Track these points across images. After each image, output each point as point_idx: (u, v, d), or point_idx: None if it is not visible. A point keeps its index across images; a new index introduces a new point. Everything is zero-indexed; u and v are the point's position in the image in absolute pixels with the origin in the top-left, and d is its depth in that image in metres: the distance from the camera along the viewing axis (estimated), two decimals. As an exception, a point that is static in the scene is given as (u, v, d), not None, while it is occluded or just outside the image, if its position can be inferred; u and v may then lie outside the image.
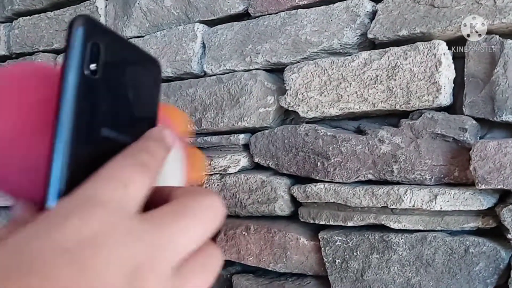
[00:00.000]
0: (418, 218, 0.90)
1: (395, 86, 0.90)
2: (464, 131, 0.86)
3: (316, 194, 0.99)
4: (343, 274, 0.97)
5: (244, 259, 1.08)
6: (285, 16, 1.06)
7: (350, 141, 0.96)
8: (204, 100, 1.15)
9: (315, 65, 0.99)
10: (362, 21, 0.96)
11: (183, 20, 1.23)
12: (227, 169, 1.10)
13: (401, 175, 0.91)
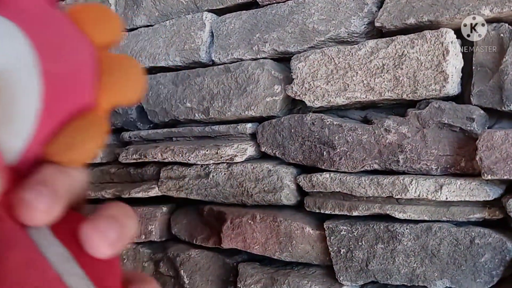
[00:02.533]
0: (424, 208, 0.89)
1: (402, 75, 0.89)
2: (471, 121, 0.85)
3: (321, 183, 0.99)
4: (348, 263, 0.97)
5: (250, 247, 1.09)
6: (292, 4, 1.05)
7: (356, 130, 0.95)
8: (211, 89, 1.16)
9: (322, 54, 0.98)
10: (370, 9, 0.95)
11: (192, 9, 1.23)
12: (234, 158, 1.10)
13: (407, 165, 0.91)
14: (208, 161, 1.13)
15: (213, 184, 1.14)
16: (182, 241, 1.24)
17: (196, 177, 1.17)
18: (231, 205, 1.15)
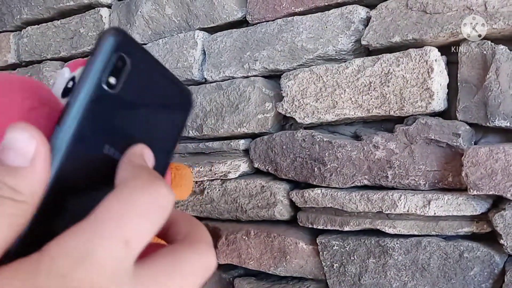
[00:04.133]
0: (413, 223, 0.90)
1: (389, 92, 0.91)
2: (457, 136, 0.87)
3: (313, 199, 1.00)
4: (341, 278, 0.98)
5: (245, 263, 1.10)
6: (281, 23, 1.07)
7: (345, 146, 0.97)
8: (204, 106, 1.17)
9: (310, 72, 1.00)
10: (357, 27, 0.97)
11: (184, 28, 1.25)
12: (228, 175, 1.11)
13: (396, 181, 0.92)
14: (202, 177, 1.14)
15: (208, 201, 1.16)
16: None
17: (191, 194, 1.19)
18: (226, 221, 1.16)
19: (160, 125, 0.28)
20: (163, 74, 0.28)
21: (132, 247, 0.21)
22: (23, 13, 1.54)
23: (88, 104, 0.23)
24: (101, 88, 0.24)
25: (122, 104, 0.25)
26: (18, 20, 1.57)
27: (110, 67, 0.24)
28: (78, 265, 0.20)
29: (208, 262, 0.24)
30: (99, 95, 0.24)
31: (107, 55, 0.24)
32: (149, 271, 0.22)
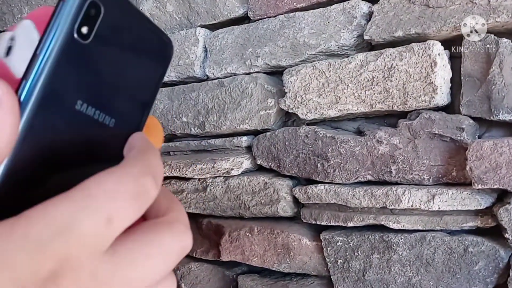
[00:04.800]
0: (417, 218, 0.90)
1: (392, 87, 0.91)
2: (461, 130, 0.86)
3: (317, 195, 1.00)
4: (345, 274, 0.98)
5: (248, 259, 1.10)
6: (283, 19, 1.06)
7: (348, 142, 0.96)
8: (206, 103, 1.17)
9: (313, 68, 1.00)
10: (359, 22, 0.97)
11: (185, 25, 1.24)
12: (230, 171, 1.11)
13: (400, 176, 0.92)
14: (205, 175, 1.14)
15: (211, 198, 1.16)
16: (182, 254, 1.25)
17: (194, 191, 1.19)
18: (229, 218, 1.16)
19: (138, 76, 0.26)
20: (141, 21, 0.26)
21: (114, 225, 0.21)
22: (24, 12, 1.54)
23: (57, 56, 0.21)
24: (72, 38, 0.22)
25: (96, 55, 0.23)
26: (19, 19, 1.57)
27: (81, 15, 0.22)
28: (57, 235, 0.19)
29: (184, 243, 0.24)
30: (69, 46, 0.22)
31: (78, 1, 0.22)
32: (126, 248, 0.22)
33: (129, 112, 0.26)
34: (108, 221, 0.21)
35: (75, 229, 0.20)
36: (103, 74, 0.24)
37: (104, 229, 0.21)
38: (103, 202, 0.21)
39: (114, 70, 0.25)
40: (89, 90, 0.23)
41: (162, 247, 0.23)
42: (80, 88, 0.23)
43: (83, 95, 0.23)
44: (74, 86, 0.23)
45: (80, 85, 0.23)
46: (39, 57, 0.21)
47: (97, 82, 0.24)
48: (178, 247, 0.24)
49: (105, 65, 0.24)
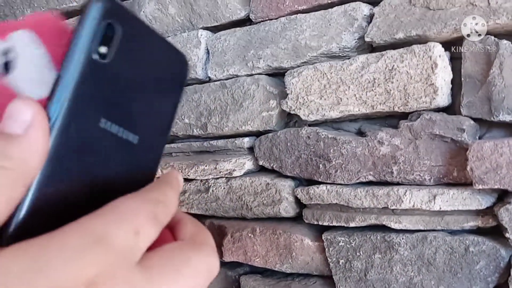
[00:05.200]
0: (419, 218, 0.91)
1: (393, 88, 0.92)
2: (462, 131, 0.87)
3: (319, 195, 1.01)
4: (347, 274, 0.99)
5: (251, 260, 1.11)
6: (285, 21, 1.07)
7: (350, 143, 0.97)
8: (208, 105, 1.18)
9: (314, 69, 1.01)
10: (360, 24, 0.98)
11: (187, 27, 1.25)
12: (233, 173, 1.12)
13: (401, 176, 0.93)
14: (207, 176, 1.15)
15: (213, 199, 1.16)
16: (184, 255, 1.26)
17: (196, 192, 1.19)
18: (231, 219, 1.17)
19: (157, 94, 0.27)
20: (157, 40, 0.27)
21: (141, 238, 0.22)
22: (26, 14, 1.55)
23: (80, 76, 0.22)
24: (91, 58, 0.23)
25: (116, 74, 0.24)
26: (21, 22, 1.58)
27: (99, 36, 0.23)
28: (93, 245, 0.20)
29: (212, 264, 0.26)
30: (90, 66, 0.23)
31: (94, 23, 0.23)
32: (156, 263, 0.23)
33: (152, 128, 0.27)
34: (136, 233, 0.22)
35: (109, 239, 0.21)
36: (124, 91, 0.25)
37: (134, 240, 0.22)
38: (130, 218, 0.22)
39: (134, 87, 0.25)
40: (112, 107, 0.24)
41: (192, 265, 0.24)
42: (103, 106, 0.24)
43: (106, 113, 0.24)
44: (97, 105, 0.24)
45: (103, 103, 0.24)
46: (61, 78, 0.22)
47: (118, 99, 0.25)
48: (207, 267, 0.25)
49: (125, 82, 0.25)
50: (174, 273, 0.23)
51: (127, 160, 0.26)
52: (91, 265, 0.20)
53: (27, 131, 0.21)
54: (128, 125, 0.25)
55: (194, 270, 0.24)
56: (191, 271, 0.24)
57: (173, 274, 0.23)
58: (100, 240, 0.21)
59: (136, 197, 0.24)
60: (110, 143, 0.24)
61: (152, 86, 0.27)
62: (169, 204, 0.26)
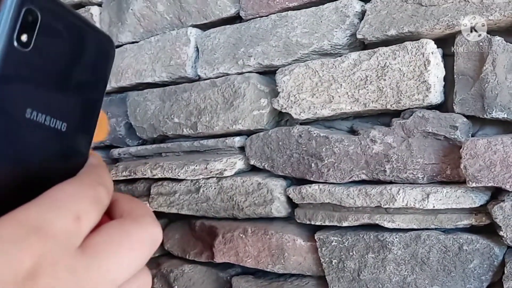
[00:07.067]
0: (412, 217, 0.90)
1: (385, 86, 0.91)
2: (455, 129, 0.86)
3: (311, 195, 0.99)
4: (340, 274, 0.98)
5: (242, 261, 1.09)
6: (275, 18, 1.06)
7: (342, 141, 0.96)
8: (198, 104, 1.16)
9: (306, 67, 0.99)
10: (352, 21, 0.97)
11: (176, 25, 1.23)
12: (224, 172, 1.10)
13: (394, 175, 0.92)
14: (198, 176, 1.13)
15: (204, 199, 1.15)
16: (175, 256, 1.24)
17: (187, 192, 1.17)
18: (222, 219, 1.15)
19: (83, 77, 0.26)
20: (80, 24, 0.26)
21: (82, 223, 0.22)
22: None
23: (2, 68, 0.21)
24: (13, 47, 0.22)
25: (39, 62, 0.23)
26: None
27: (19, 23, 0.22)
28: (30, 234, 0.20)
29: (154, 234, 0.26)
30: (12, 56, 0.22)
31: (13, 10, 0.21)
32: (96, 243, 0.23)
33: (80, 114, 0.26)
34: (77, 219, 0.22)
35: (47, 227, 0.21)
36: (48, 79, 0.24)
37: (74, 226, 0.22)
38: (69, 204, 0.22)
39: (59, 73, 0.25)
40: (37, 97, 0.23)
41: (131, 237, 0.24)
42: (28, 96, 0.23)
43: (31, 103, 0.23)
44: (22, 95, 0.23)
45: (28, 93, 0.23)
46: None
47: (43, 88, 0.24)
48: (146, 237, 0.25)
49: (49, 70, 0.24)
50: (115, 249, 0.23)
51: (58, 147, 0.25)
52: (29, 255, 0.20)
53: None
54: (55, 113, 0.24)
55: (135, 242, 0.24)
56: (132, 244, 0.24)
57: (114, 249, 0.23)
58: (36, 229, 0.21)
59: (74, 183, 0.24)
60: (38, 133, 0.23)
61: (77, 71, 0.26)
62: (108, 185, 0.26)
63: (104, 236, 0.24)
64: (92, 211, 0.23)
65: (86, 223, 0.23)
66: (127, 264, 0.24)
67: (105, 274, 0.23)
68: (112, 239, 0.24)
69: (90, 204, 0.23)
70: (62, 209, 0.22)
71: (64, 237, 0.21)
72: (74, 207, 0.23)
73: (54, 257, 0.21)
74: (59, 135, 0.25)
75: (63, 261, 0.21)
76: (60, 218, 0.22)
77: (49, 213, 0.22)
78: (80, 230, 0.22)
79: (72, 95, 0.26)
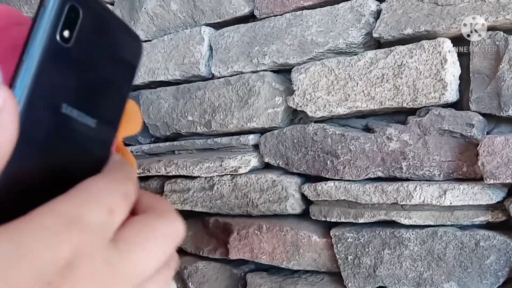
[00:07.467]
0: (428, 214, 0.91)
1: (402, 84, 0.92)
2: (471, 126, 0.87)
3: (326, 192, 1.00)
4: (356, 270, 0.99)
5: (257, 257, 1.10)
6: (290, 17, 1.07)
7: (358, 139, 0.97)
8: (213, 102, 1.17)
9: (322, 65, 1.00)
10: (367, 20, 0.98)
11: (190, 24, 1.24)
12: (238, 170, 1.11)
13: (410, 172, 0.93)
14: (212, 173, 1.14)
15: (218, 196, 1.16)
16: (188, 253, 1.25)
17: (201, 190, 1.18)
18: (236, 216, 1.16)
19: (114, 75, 0.27)
20: (114, 22, 0.26)
21: (115, 216, 0.23)
22: (24, 11, 1.52)
23: (43, 61, 0.22)
24: (55, 42, 0.22)
25: (77, 58, 0.24)
26: (17, 19, 1.55)
27: (62, 19, 0.22)
28: (69, 225, 0.21)
29: (178, 228, 0.27)
30: (53, 50, 0.22)
31: (58, 5, 0.22)
32: (127, 236, 0.24)
33: (109, 111, 0.27)
34: (111, 211, 0.23)
35: (83, 219, 0.21)
36: (85, 75, 0.25)
37: (108, 218, 0.23)
38: (103, 197, 0.23)
39: (94, 71, 0.25)
40: (73, 92, 0.24)
41: (157, 231, 0.25)
42: (65, 91, 0.24)
43: (67, 98, 0.24)
44: (60, 90, 0.23)
45: (65, 88, 0.23)
46: (24, 63, 0.22)
47: (79, 84, 0.24)
48: (171, 231, 0.26)
49: (86, 66, 0.25)
50: (144, 243, 0.24)
51: (86, 143, 0.26)
52: (68, 245, 0.20)
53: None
54: (88, 110, 0.25)
55: (161, 237, 0.25)
56: (158, 238, 0.25)
57: (143, 244, 0.24)
58: (75, 220, 0.21)
59: (107, 177, 0.25)
60: (71, 128, 0.24)
61: (110, 69, 0.27)
62: (135, 181, 0.26)
63: (133, 230, 0.24)
64: (123, 205, 0.24)
65: (118, 217, 0.23)
66: (154, 258, 0.24)
67: (135, 267, 0.23)
68: (140, 233, 0.24)
69: (121, 198, 0.24)
70: (97, 202, 0.23)
71: (99, 229, 0.22)
72: (107, 200, 0.23)
73: (91, 249, 0.21)
74: (89, 131, 0.25)
75: (99, 252, 0.22)
76: (95, 210, 0.22)
77: (85, 205, 0.22)
78: (113, 223, 0.23)
79: (103, 92, 0.26)
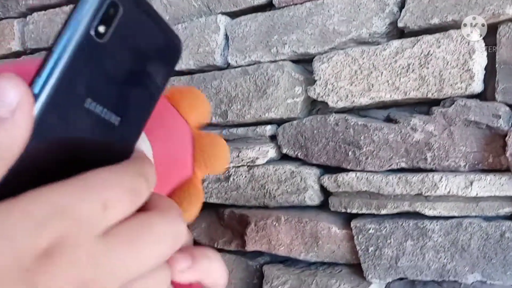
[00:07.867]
0: (453, 205, 0.91)
1: (428, 74, 0.91)
2: (497, 117, 0.87)
3: (347, 183, 1.00)
4: (377, 261, 0.98)
5: (275, 249, 1.09)
6: (311, 6, 1.06)
7: (382, 130, 0.96)
8: (229, 92, 1.16)
9: (345, 55, 0.99)
10: (391, 9, 0.97)
11: (204, 12, 1.22)
12: (256, 161, 1.10)
13: (435, 163, 0.92)
14: (228, 164, 1.13)
15: (234, 187, 1.14)
16: (202, 245, 1.24)
17: (216, 181, 1.17)
18: (252, 208, 1.15)
19: (147, 75, 0.26)
20: (155, 21, 0.25)
21: (109, 212, 0.22)
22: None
23: (73, 53, 0.21)
24: (89, 36, 0.22)
25: (109, 55, 0.23)
26: (23, 6, 1.52)
27: (101, 14, 0.22)
28: (54, 215, 0.20)
29: (177, 229, 0.25)
30: (85, 44, 0.22)
31: (98, 1, 0.22)
32: (119, 234, 0.23)
33: (135, 111, 0.26)
34: (104, 206, 0.22)
35: (71, 210, 0.21)
36: (114, 73, 0.24)
37: (99, 213, 0.21)
38: (99, 190, 0.22)
39: (125, 69, 0.25)
40: (99, 88, 0.23)
41: (154, 231, 0.24)
42: (91, 86, 0.23)
43: (92, 93, 0.23)
44: (86, 84, 0.23)
45: (91, 83, 0.23)
46: (54, 54, 0.21)
47: (107, 80, 0.24)
48: (170, 232, 0.25)
49: (117, 64, 0.24)
50: (135, 240, 0.23)
51: (107, 141, 0.25)
52: (50, 234, 0.20)
53: (13, 114, 0.20)
54: (112, 107, 0.24)
55: (157, 238, 0.24)
56: (153, 238, 0.24)
57: (134, 242, 0.23)
58: (62, 210, 0.21)
59: (111, 170, 0.23)
60: (92, 123, 0.23)
61: (142, 69, 0.26)
62: (150, 178, 0.25)
63: (126, 228, 0.23)
64: (124, 200, 0.23)
65: (113, 212, 0.22)
66: (144, 257, 0.23)
67: (123, 264, 0.22)
68: (133, 232, 0.23)
69: (123, 193, 0.23)
70: (90, 194, 0.22)
71: (88, 222, 0.21)
72: (103, 193, 0.22)
73: (75, 240, 0.21)
74: (112, 129, 0.25)
75: (84, 246, 0.21)
76: (86, 202, 0.21)
77: (77, 195, 0.21)
78: (105, 218, 0.22)
79: (133, 92, 0.25)
